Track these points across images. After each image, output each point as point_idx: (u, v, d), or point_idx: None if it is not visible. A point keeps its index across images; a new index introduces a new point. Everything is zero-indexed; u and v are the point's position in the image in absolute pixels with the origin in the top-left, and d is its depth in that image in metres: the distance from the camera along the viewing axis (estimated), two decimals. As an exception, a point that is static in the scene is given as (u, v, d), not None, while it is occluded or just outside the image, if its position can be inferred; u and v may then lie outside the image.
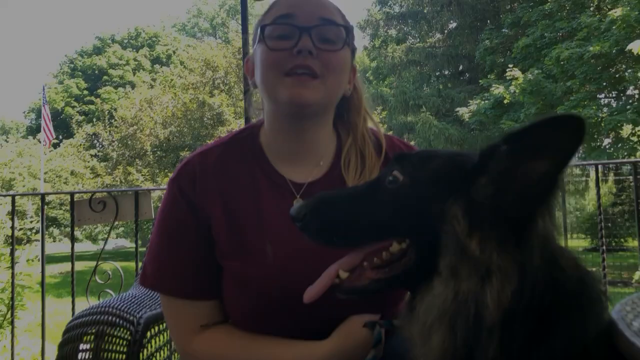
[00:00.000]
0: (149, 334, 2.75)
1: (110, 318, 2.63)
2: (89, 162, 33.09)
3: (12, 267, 6.09)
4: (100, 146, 34.80)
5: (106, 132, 28.97)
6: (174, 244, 2.24)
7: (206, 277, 2.23)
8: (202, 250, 2.21)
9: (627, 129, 23.12)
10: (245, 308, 2.19)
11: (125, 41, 63.76)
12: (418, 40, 39.24)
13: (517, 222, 1.47)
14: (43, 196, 6.12)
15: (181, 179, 2.24)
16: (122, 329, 2.62)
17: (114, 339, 2.60)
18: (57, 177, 37.69)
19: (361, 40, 41.25)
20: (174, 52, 60.60)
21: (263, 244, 2.14)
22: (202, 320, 2.23)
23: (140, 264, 3.99)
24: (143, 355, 2.68)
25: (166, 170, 26.61)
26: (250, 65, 2.34)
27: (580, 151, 24.54)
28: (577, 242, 23.39)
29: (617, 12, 21.30)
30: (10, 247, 6.30)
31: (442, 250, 1.49)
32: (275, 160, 2.30)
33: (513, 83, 24.59)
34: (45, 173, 35.66)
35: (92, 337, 2.59)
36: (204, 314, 2.24)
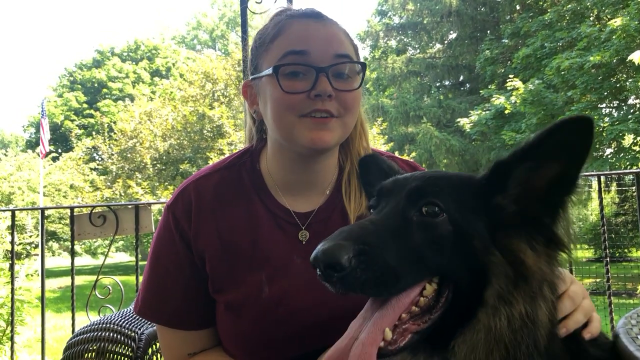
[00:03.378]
0: (150, 350, 2.72)
1: (111, 334, 2.59)
2: (88, 175, 33.11)
3: (12, 282, 6.03)
4: (100, 159, 34.80)
5: (105, 145, 28.89)
6: (165, 276, 2.23)
7: (196, 309, 2.22)
8: (193, 284, 2.20)
9: (628, 139, 23.11)
10: (237, 338, 2.18)
11: (125, 54, 63.92)
12: (418, 51, 39.40)
13: (547, 232, 1.50)
14: (43, 210, 6.07)
15: (177, 208, 2.21)
16: (123, 346, 2.58)
17: (115, 356, 2.56)
18: (56, 190, 37.79)
19: (361, 51, 41.31)
20: (174, 65, 60.79)
21: (258, 279, 2.11)
22: (189, 349, 2.26)
23: (141, 278, 3.96)
24: (145, 372, 2.62)
25: (166, 183, 26.56)
26: (252, 93, 2.26)
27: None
28: (580, 253, 23.32)
29: (617, 22, 21.29)
30: (10, 262, 6.24)
31: (490, 280, 1.43)
32: (277, 191, 2.25)
33: (514, 93, 24.60)
34: (45, 187, 35.70)
35: (94, 354, 2.56)
36: (192, 343, 2.26)
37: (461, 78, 38.39)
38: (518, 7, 33.70)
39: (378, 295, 1.47)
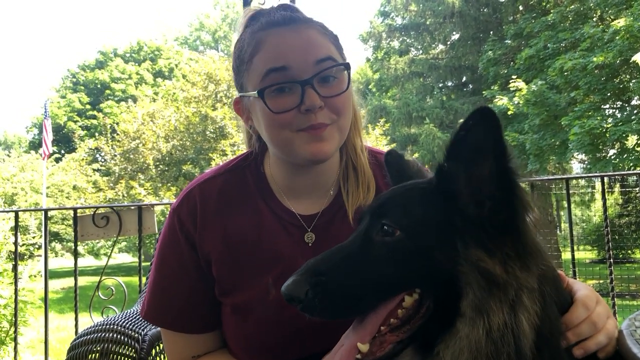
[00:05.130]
0: (154, 351, 2.72)
1: (115, 336, 2.60)
2: (91, 176, 33.08)
3: (15, 283, 6.03)
4: (103, 160, 34.73)
5: (108, 146, 28.89)
6: (170, 279, 2.23)
7: (201, 312, 2.23)
8: (199, 286, 2.21)
9: (632, 140, 23.02)
10: (242, 341, 2.18)
11: (128, 55, 63.94)
12: (421, 51, 39.28)
13: (513, 231, 1.46)
14: (46, 211, 6.08)
15: (182, 211, 2.21)
16: (127, 347, 2.59)
17: (119, 357, 2.56)
18: (59, 191, 37.81)
19: (364, 52, 41.35)
20: (176, 66, 60.83)
21: (265, 281, 2.12)
22: (193, 352, 2.27)
23: (144, 279, 3.96)
24: (148, 372, 2.62)
25: (169, 184, 26.60)
26: (245, 109, 2.23)
27: (585, 162, 24.49)
28: (583, 254, 23.41)
29: (620, 23, 21.20)
30: (13, 263, 6.24)
31: (463, 291, 1.43)
32: (282, 194, 2.25)
33: (517, 94, 24.51)
34: (48, 188, 35.70)
35: (97, 355, 2.56)
36: (196, 345, 2.27)
37: (464, 79, 38.27)
38: (521, 8, 33.59)
39: (345, 317, 1.58)
